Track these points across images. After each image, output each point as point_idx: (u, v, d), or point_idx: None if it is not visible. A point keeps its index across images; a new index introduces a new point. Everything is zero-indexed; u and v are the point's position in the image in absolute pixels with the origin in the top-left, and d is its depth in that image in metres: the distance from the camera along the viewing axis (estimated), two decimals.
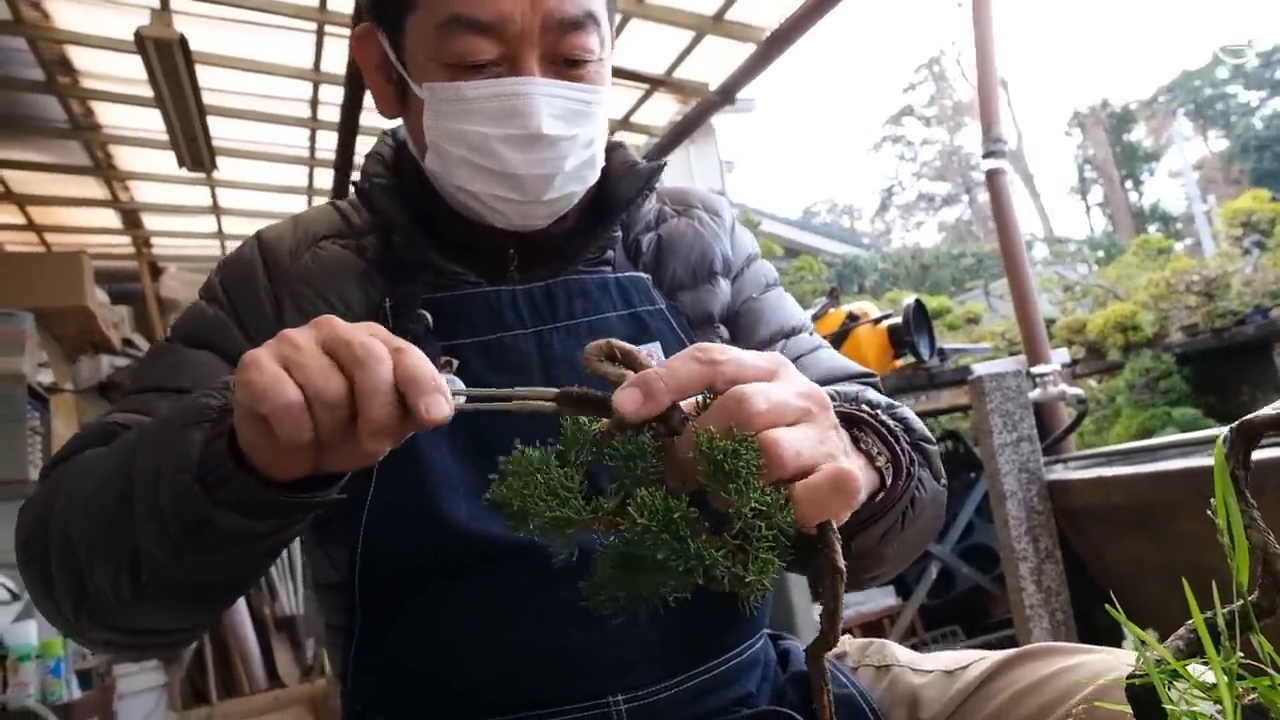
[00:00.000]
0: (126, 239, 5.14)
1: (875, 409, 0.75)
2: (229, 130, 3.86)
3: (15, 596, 2.84)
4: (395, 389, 0.59)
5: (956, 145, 32.43)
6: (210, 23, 3.13)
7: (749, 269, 1.11)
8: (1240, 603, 0.45)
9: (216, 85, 3.47)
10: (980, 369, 3.02)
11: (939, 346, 3.18)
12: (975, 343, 5.96)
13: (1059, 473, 2.46)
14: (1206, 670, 0.44)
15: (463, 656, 0.85)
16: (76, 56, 3.32)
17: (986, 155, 2.97)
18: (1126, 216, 27.18)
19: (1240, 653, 0.44)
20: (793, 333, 1.08)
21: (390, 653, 0.89)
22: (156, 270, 5.29)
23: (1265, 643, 0.44)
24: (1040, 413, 2.72)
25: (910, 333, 3.01)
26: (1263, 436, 0.45)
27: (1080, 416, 2.90)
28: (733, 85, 3.51)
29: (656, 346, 0.96)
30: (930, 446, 0.85)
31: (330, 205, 1.06)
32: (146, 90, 3.16)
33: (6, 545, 0.87)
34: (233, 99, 3.67)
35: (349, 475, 0.71)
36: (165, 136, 3.51)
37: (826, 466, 0.53)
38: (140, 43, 2.76)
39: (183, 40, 2.79)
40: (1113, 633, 2.13)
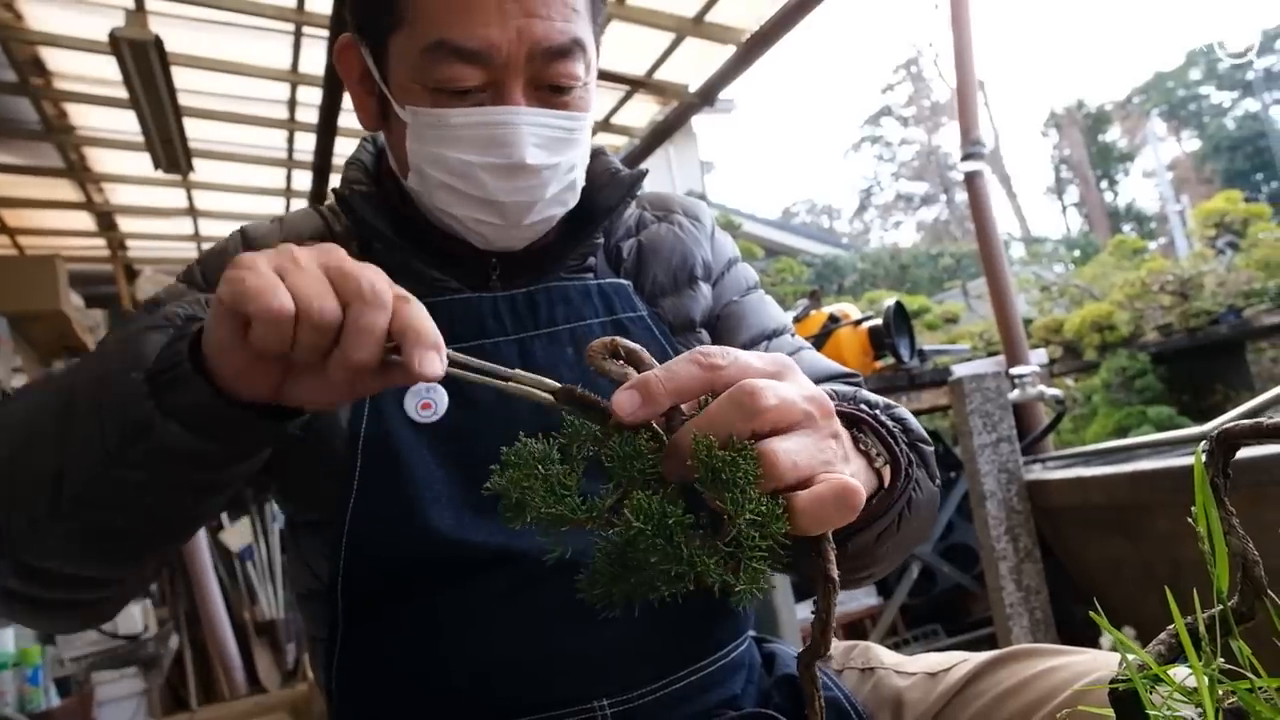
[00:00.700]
0: (101, 241, 5.10)
1: (874, 409, 0.76)
2: (205, 132, 3.83)
3: None
4: (386, 336, 0.59)
5: (934, 145, 32.61)
6: (186, 24, 3.10)
7: (729, 273, 1.11)
8: (1220, 608, 0.46)
9: (192, 86, 3.44)
10: (960, 370, 3.03)
11: (919, 348, 3.19)
12: (954, 341, 6.00)
13: (1038, 473, 2.48)
14: (1189, 675, 0.44)
15: (447, 663, 0.85)
16: (50, 57, 3.29)
17: (965, 158, 3.00)
18: (1102, 216, 27.45)
19: (1220, 658, 0.44)
20: (774, 335, 1.08)
21: (374, 661, 0.88)
22: (132, 273, 5.24)
23: (1245, 647, 0.45)
24: (1019, 413, 2.74)
25: (891, 334, 3.02)
26: (1241, 446, 0.46)
27: (1058, 417, 2.93)
28: (712, 87, 3.52)
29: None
30: (927, 447, 0.85)
31: (313, 209, 1.05)
32: (121, 92, 3.13)
33: None
34: (209, 100, 3.64)
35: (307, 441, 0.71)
36: (140, 138, 3.48)
37: (831, 479, 0.52)
38: (115, 44, 2.74)
39: (158, 41, 2.77)
40: (1091, 629, 2.15)
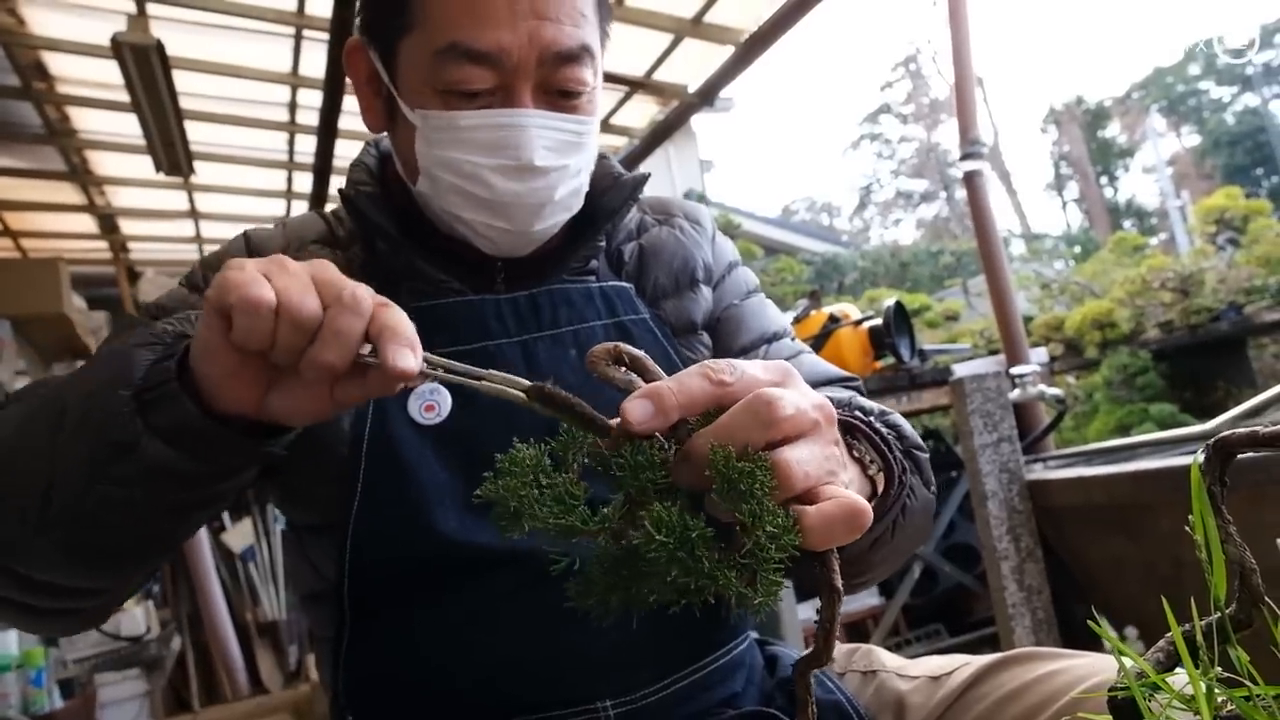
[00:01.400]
0: (103, 244, 5.10)
1: (868, 415, 0.76)
2: (206, 134, 3.84)
3: None
4: (362, 342, 0.61)
5: (934, 142, 32.63)
6: (187, 27, 3.11)
7: (730, 276, 1.12)
8: (1218, 616, 0.46)
9: (194, 90, 3.45)
10: (960, 370, 3.04)
11: (919, 347, 3.18)
12: (955, 339, 6.00)
13: (1039, 472, 2.48)
14: (1188, 683, 0.45)
15: (452, 663, 0.86)
16: (52, 62, 3.30)
17: (964, 157, 2.99)
18: (1102, 212, 27.44)
19: (1218, 666, 0.45)
20: (774, 338, 1.08)
21: (379, 660, 0.89)
22: (134, 275, 5.25)
23: (1243, 655, 0.45)
24: (1020, 412, 2.74)
25: (891, 334, 3.01)
26: (1238, 453, 0.47)
27: (1059, 416, 2.93)
28: (712, 87, 3.52)
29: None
30: (921, 454, 0.86)
31: (317, 213, 1.05)
32: (123, 95, 3.14)
33: None
34: (210, 103, 3.65)
35: (291, 452, 0.72)
36: (142, 141, 3.49)
37: (843, 498, 0.52)
38: (117, 48, 2.75)
39: (159, 45, 2.78)
40: (1093, 629, 2.15)
